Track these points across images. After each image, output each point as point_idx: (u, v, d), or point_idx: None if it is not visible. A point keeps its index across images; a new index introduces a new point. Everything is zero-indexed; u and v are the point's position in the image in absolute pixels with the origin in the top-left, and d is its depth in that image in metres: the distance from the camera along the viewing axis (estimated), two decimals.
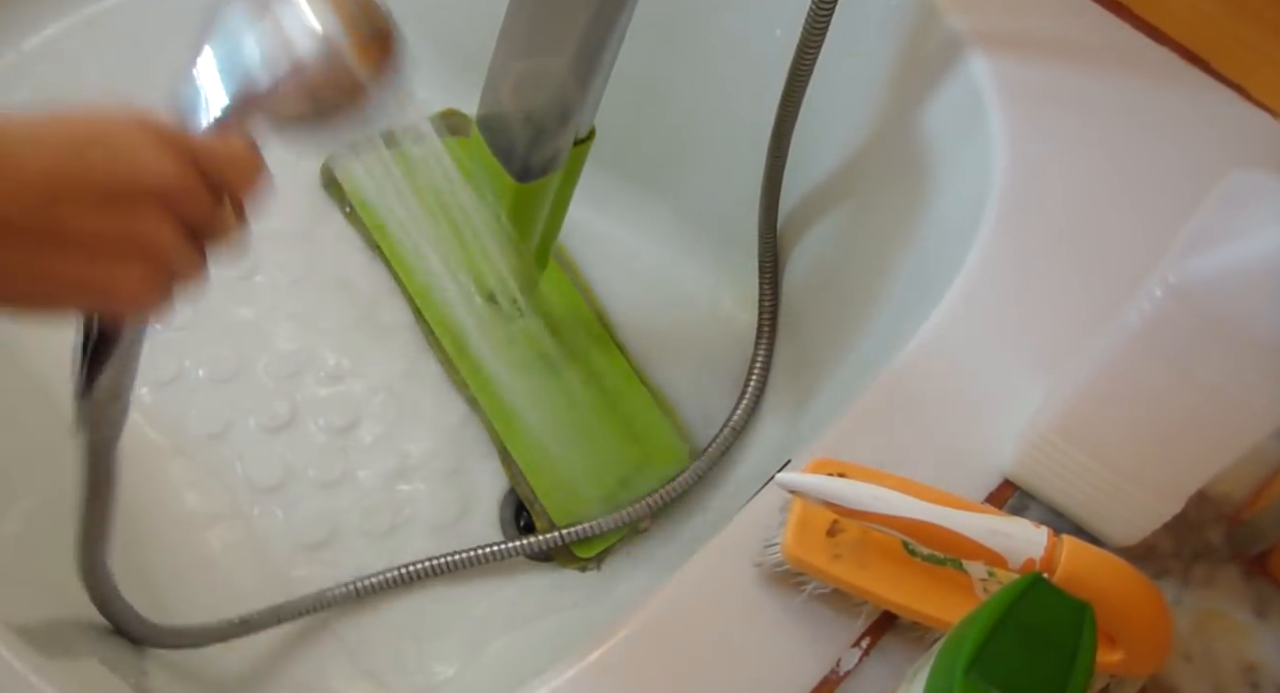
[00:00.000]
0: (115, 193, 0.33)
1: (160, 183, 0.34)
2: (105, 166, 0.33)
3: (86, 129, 0.34)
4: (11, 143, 0.32)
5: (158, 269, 0.36)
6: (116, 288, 0.35)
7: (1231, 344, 0.41)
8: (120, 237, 0.34)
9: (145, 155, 0.34)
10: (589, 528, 0.73)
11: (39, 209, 0.32)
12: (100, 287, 0.34)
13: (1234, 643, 0.50)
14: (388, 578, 0.72)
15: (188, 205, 0.36)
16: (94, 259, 0.34)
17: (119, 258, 0.34)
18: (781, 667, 0.47)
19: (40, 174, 0.32)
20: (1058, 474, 0.51)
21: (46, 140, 0.33)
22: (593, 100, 0.66)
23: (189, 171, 0.36)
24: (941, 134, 0.69)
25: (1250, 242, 0.41)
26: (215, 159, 0.37)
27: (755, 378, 0.81)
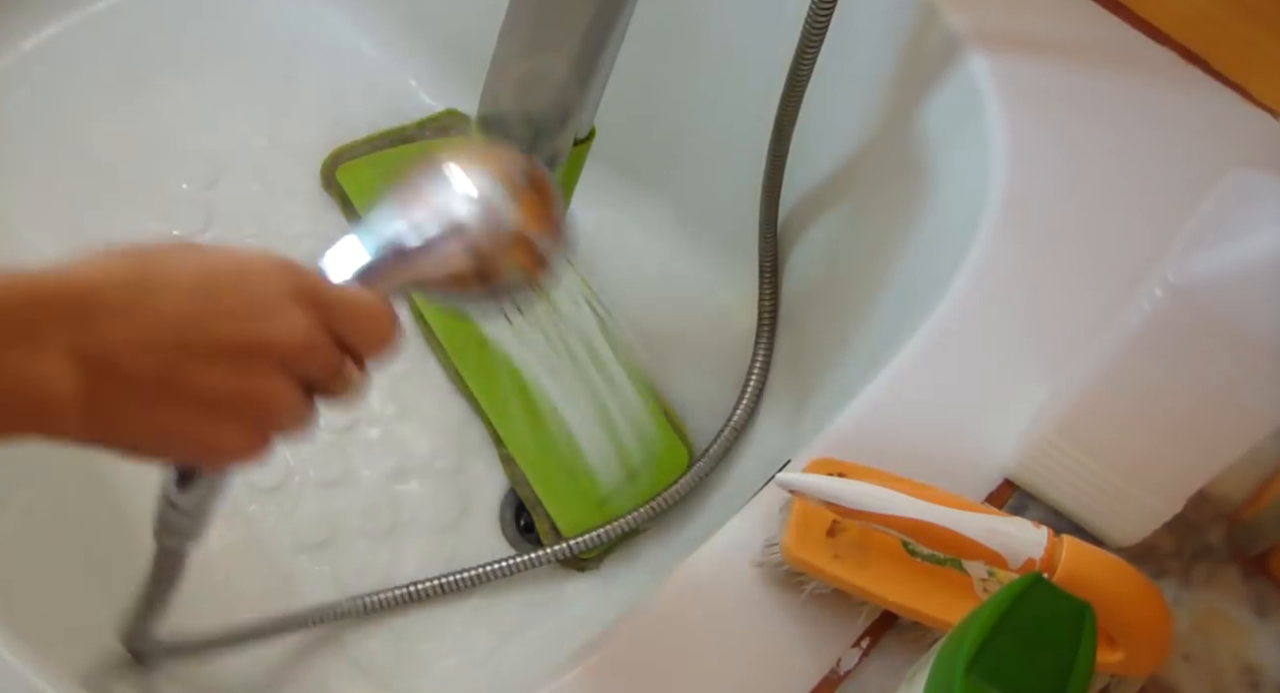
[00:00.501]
0: (243, 348, 0.33)
1: (289, 341, 0.34)
2: (237, 319, 0.33)
3: (226, 274, 0.33)
4: (150, 288, 0.31)
5: (270, 426, 0.35)
6: (221, 444, 0.34)
7: (1231, 344, 0.41)
8: (237, 395, 0.33)
9: (279, 309, 0.33)
10: (595, 537, 0.73)
11: (165, 360, 0.32)
12: (206, 443, 0.34)
13: (1234, 643, 0.50)
14: (397, 596, 0.72)
15: (311, 364, 0.35)
16: (206, 416, 0.33)
17: (231, 415, 0.33)
18: (781, 667, 0.47)
19: (173, 324, 0.32)
20: (1058, 474, 0.51)
21: (184, 285, 0.32)
22: (593, 100, 0.66)
23: (320, 329, 0.35)
24: (941, 133, 0.69)
25: (1250, 242, 0.41)
26: (349, 316, 0.36)
27: (755, 377, 0.81)
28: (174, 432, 0.33)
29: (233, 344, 0.32)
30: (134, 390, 0.31)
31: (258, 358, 0.33)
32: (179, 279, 0.32)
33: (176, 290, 0.32)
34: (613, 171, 0.88)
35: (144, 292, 0.31)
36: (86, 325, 0.30)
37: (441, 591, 0.72)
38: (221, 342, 0.32)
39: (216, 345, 0.32)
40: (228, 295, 0.33)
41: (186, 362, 0.32)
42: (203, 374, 0.32)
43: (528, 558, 0.73)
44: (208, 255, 0.33)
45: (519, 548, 0.79)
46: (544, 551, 0.73)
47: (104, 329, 0.30)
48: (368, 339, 0.37)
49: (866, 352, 0.70)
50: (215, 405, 0.33)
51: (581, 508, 0.79)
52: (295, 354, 0.34)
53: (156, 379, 0.31)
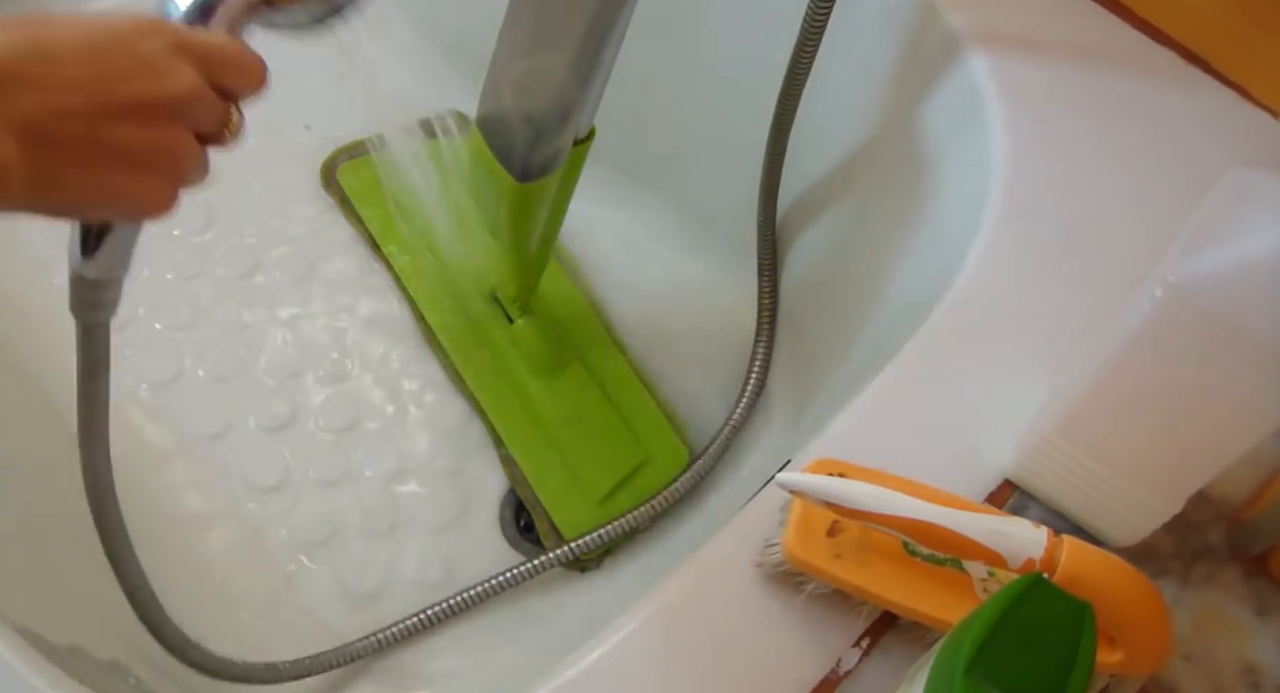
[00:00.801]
0: (146, 105, 0.35)
1: (181, 93, 0.36)
2: (135, 75, 0.35)
3: (111, 37, 0.35)
4: (51, 58, 0.33)
5: (180, 176, 0.37)
6: (147, 197, 0.36)
7: (1231, 344, 0.41)
8: (150, 147, 0.36)
9: (165, 65, 0.36)
10: (596, 538, 0.73)
11: (83, 123, 0.34)
12: (134, 196, 0.36)
13: (1234, 643, 0.50)
14: (410, 625, 0.72)
15: (201, 112, 0.37)
16: (128, 171, 0.35)
17: (150, 168, 0.36)
18: (781, 667, 0.47)
19: (82, 89, 0.34)
20: (1058, 474, 0.51)
21: (79, 51, 0.34)
22: (593, 100, 0.66)
23: (201, 79, 0.37)
24: (941, 133, 0.69)
25: (1250, 242, 0.41)
26: (222, 62, 0.38)
27: (755, 376, 0.81)
28: (104, 189, 0.35)
29: (136, 102, 0.35)
30: (63, 154, 0.34)
31: (159, 112, 0.36)
32: (73, 47, 0.34)
33: (74, 58, 0.34)
34: (613, 171, 0.88)
35: (47, 61, 0.33)
36: (9, 97, 0.32)
37: (451, 611, 0.72)
38: (126, 101, 0.35)
39: (123, 105, 0.34)
40: (120, 58, 0.35)
41: (101, 123, 0.34)
42: (117, 132, 0.34)
43: (532, 566, 0.73)
44: (86, 22, 0.35)
45: (519, 548, 0.79)
46: (547, 555, 0.73)
47: (25, 100, 0.32)
48: (242, 81, 0.39)
49: (866, 352, 0.70)
50: (133, 160, 0.35)
51: (581, 508, 0.79)
52: (188, 104, 0.36)
53: (80, 142, 0.34)
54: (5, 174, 0.32)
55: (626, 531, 0.74)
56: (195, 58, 0.37)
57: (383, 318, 0.87)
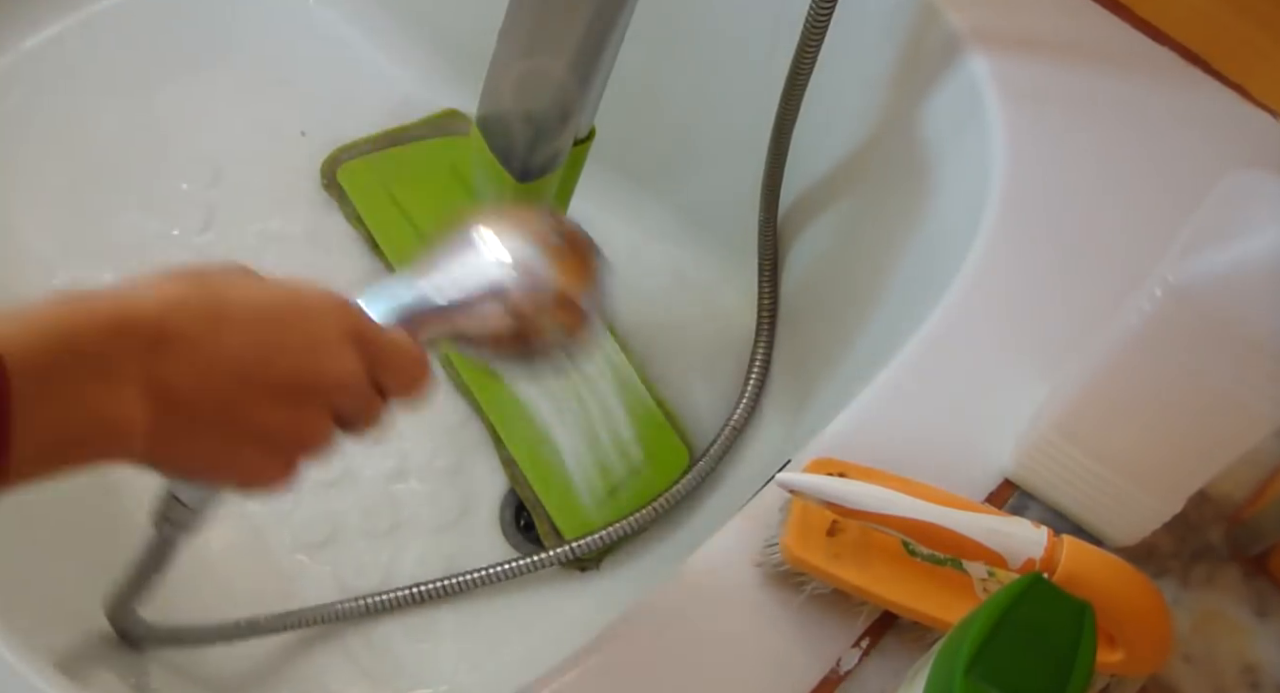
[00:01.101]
0: (298, 387, 0.34)
1: (339, 382, 0.35)
2: (297, 356, 0.34)
3: (287, 309, 0.34)
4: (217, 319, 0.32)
5: (302, 457, 0.36)
6: (264, 475, 0.35)
7: (1231, 344, 0.41)
8: (288, 431, 0.34)
9: (334, 349, 0.35)
10: (597, 539, 0.73)
11: (227, 394, 0.32)
12: (251, 472, 0.35)
13: (1234, 643, 0.50)
14: (400, 597, 0.72)
15: (351, 402, 0.36)
16: (256, 448, 0.34)
17: (279, 449, 0.35)
18: (781, 667, 0.47)
19: (238, 359, 0.32)
20: (1058, 474, 0.51)
21: (249, 318, 0.33)
22: (593, 100, 0.66)
23: (364, 371, 0.36)
24: (941, 133, 0.69)
25: (1250, 242, 0.41)
26: (391, 361, 0.37)
27: (755, 376, 0.81)
28: (224, 461, 0.34)
29: (289, 382, 0.34)
30: (194, 421, 0.32)
31: (310, 396, 0.34)
32: (244, 312, 0.33)
33: (242, 323, 0.33)
34: (613, 171, 0.88)
35: (212, 322, 0.32)
36: (159, 356, 0.31)
37: (444, 592, 0.72)
38: (279, 379, 0.33)
39: (275, 383, 0.33)
40: (289, 333, 0.34)
41: (245, 397, 0.33)
42: (259, 410, 0.33)
43: (530, 561, 0.73)
44: (269, 288, 0.34)
45: (519, 548, 0.79)
46: (546, 553, 0.73)
47: (174, 360, 0.31)
48: (404, 384, 0.38)
49: (866, 352, 0.70)
50: (265, 439, 0.34)
51: (581, 508, 0.79)
52: (339, 393, 0.35)
53: (216, 412, 0.32)
54: (128, 435, 0.31)
55: (629, 532, 0.74)
56: (367, 349, 0.36)
57: None
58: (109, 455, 0.31)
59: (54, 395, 0.29)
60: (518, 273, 0.41)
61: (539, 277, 0.41)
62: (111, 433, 0.31)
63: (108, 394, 0.30)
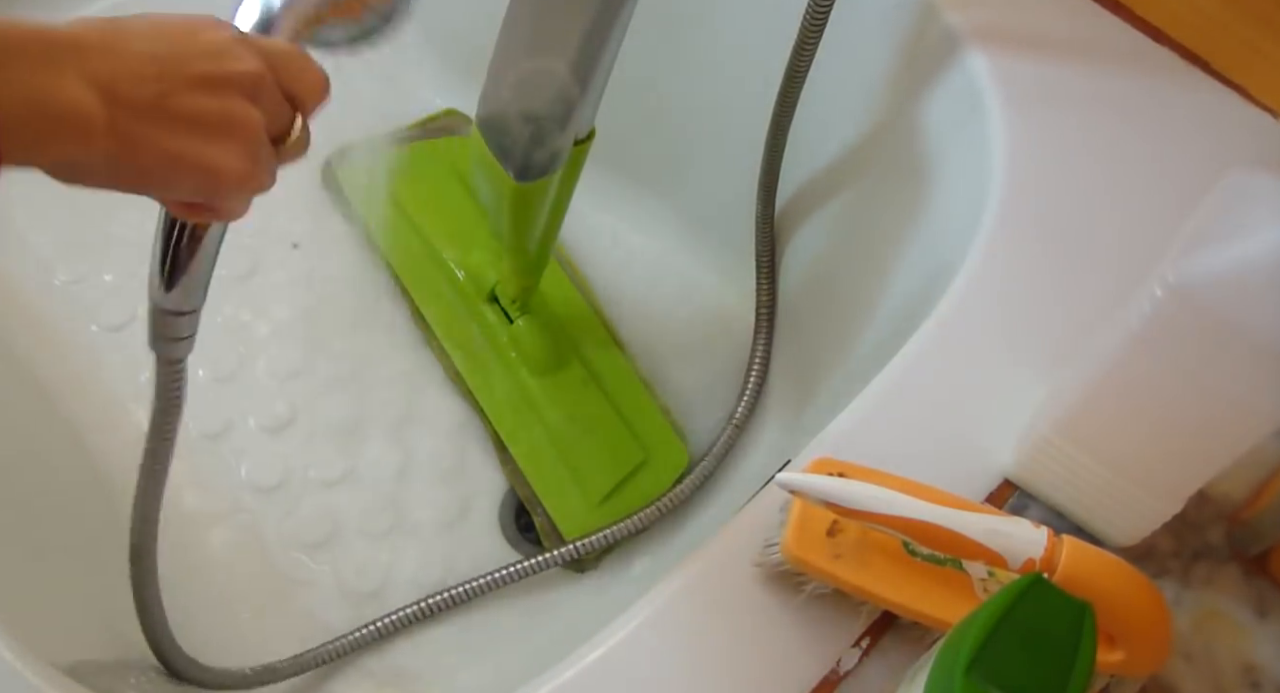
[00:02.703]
0: (212, 78, 0.37)
1: (248, 75, 0.38)
2: (202, 55, 0.37)
3: (179, 26, 0.37)
4: (123, 37, 0.35)
5: (253, 150, 0.39)
6: (222, 165, 0.38)
7: (1231, 344, 0.41)
8: (221, 116, 0.37)
9: (233, 51, 0.38)
10: (600, 539, 0.73)
11: (156, 88, 0.35)
12: (208, 163, 0.37)
13: (1234, 643, 0.50)
14: (409, 614, 0.72)
15: (268, 101, 0.39)
16: (202, 137, 0.37)
17: (221, 136, 0.37)
18: (781, 667, 0.47)
19: (151, 58, 0.36)
20: (1058, 474, 0.51)
21: (149, 34, 0.36)
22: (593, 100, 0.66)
23: (267, 71, 0.39)
24: (940, 132, 0.69)
25: (1250, 242, 0.41)
26: (285, 64, 0.40)
27: (754, 376, 0.81)
28: (179, 155, 0.36)
29: (206, 76, 0.37)
30: (139, 115, 0.35)
31: (228, 86, 0.37)
32: (141, 27, 0.36)
33: (143, 36, 0.36)
34: (613, 171, 0.88)
35: (119, 37, 0.35)
36: (85, 57, 0.34)
37: (450, 603, 0.72)
38: (196, 74, 0.36)
39: (193, 77, 0.36)
40: (188, 41, 0.37)
41: (172, 90, 0.36)
42: (189, 99, 0.36)
43: (533, 563, 0.73)
44: (158, 15, 0.37)
45: (519, 548, 0.79)
46: (549, 554, 0.73)
47: (100, 61, 0.34)
48: (305, 87, 0.41)
49: (866, 351, 0.70)
50: (206, 127, 0.37)
51: (581, 508, 0.79)
52: (255, 85, 0.38)
53: (153, 105, 0.35)
54: (89, 124, 0.33)
55: (631, 532, 0.74)
56: (261, 52, 0.39)
57: (383, 318, 0.87)
58: (78, 143, 0.34)
59: (10, 79, 0.31)
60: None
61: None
62: (74, 117, 0.33)
63: (57, 82, 0.33)
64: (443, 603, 0.72)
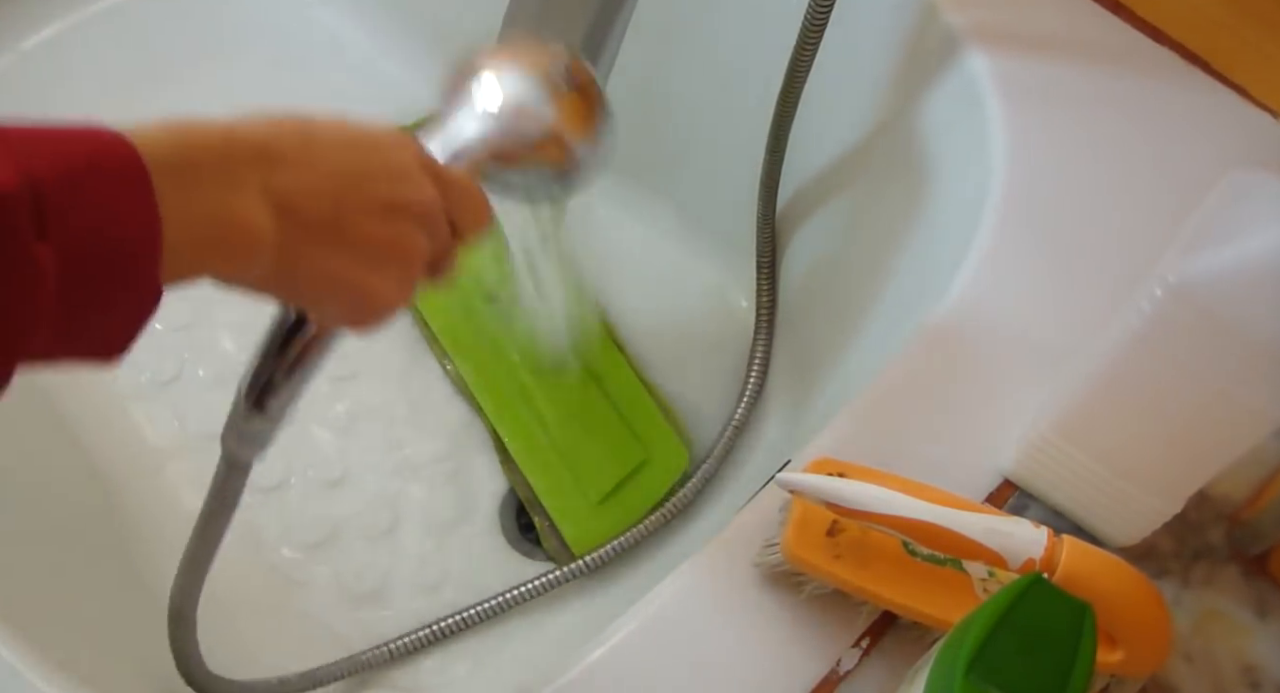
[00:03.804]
0: (392, 205, 0.36)
1: (425, 203, 0.37)
2: (384, 176, 0.36)
3: (370, 139, 0.37)
4: (314, 145, 0.35)
5: (410, 276, 0.38)
6: (380, 293, 0.37)
7: (1231, 344, 0.41)
8: (390, 244, 0.36)
9: (414, 175, 0.37)
10: (610, 551, 0.74)
11: (333, 207, 0.35)
12: (368, 290, 0.37)
13: (1234, 643, 0.50)
14: (431, 633, 0.72)
15: (436, 228, 0.38)
16: (366, 263, 0.36)
17: (385, 264, 0.37)
18: (781, 667, 0.47)
19: (337, 177, 0.35)
20: (1058, 474, 0.51)
21: (340, 144, 0.35)
22: None
23: (439, 197, 0.38)
24: (940, 131, 0.69)
25: (1250, 242, 0.41)
26: (458, 193, 0.40)
27: (754, 376, 0.81)
28: (341, 277, 0.36)
29: (384, 200, 0.36)
30: (311, 233, 0.34)
31: (403, 214, 0.37)
32: (332, 137, 0.35)
33: (333, 147, 0.35)
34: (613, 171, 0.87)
35: (307, 145, 0.34)
36: (271, 170, 0.33)
37: (466, 624, 0.72)
38: (375, 198, 0.36)
39: (372, 199, 0.36)
40: (375, 157, 0.36)
41: (349, 211, 0.35)
42: (363, 223, 0.35)
43: (551, 578, 0.73)
44: (348, 123, 0.37)
45: (519, 548, 0.79)
46: (566, 568, 0.73)
47: (284, 174, 0.33)
48: (470, 218, 0.40)
49: (866, 351, 0.70)
50: (373, 253, 0.36)
51: (581, 508, 0.79)
52: (429, 215, 0.38)
53: (327, 224, 0.35)
54: (259, 241, 0.33)
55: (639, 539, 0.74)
56: (438, 178, 0.39)
57: None
58: (244, 263, 0.33)
59: (189, 195, 0.30)
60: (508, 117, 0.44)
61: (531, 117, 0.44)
62: (245, 238, 0.32)
63: (234, 198, 0.32)
64: (460, 624, 0.72)
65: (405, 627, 0.73)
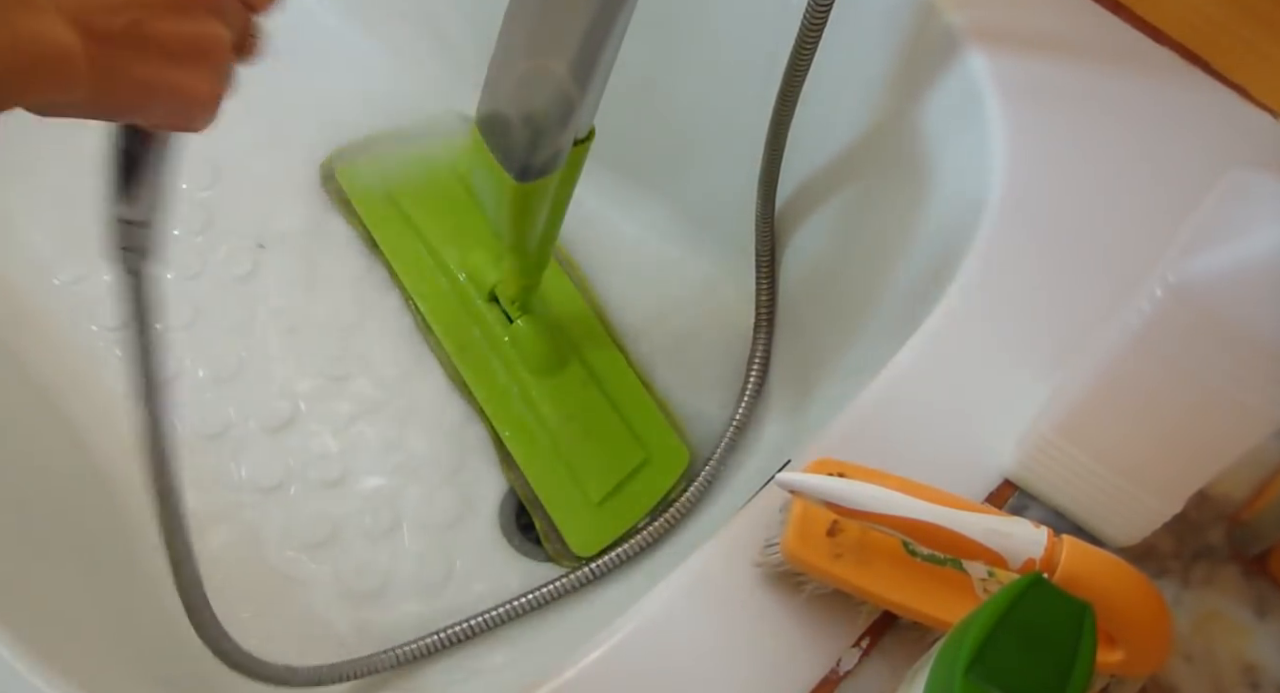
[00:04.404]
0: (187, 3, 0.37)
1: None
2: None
3: None
4: None
5: (221, 73, 0.39)
6: (194, 89, 0.38)
7: (1231, 344, 0.41)
8: (192, 41, 0.37)
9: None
10: (616, 558, 0.74)
11: (124, 16, 0.35)
12: (182, 89, 0.37)
13: (1234, 643, 0.50)
14: (428, 644, 0.71)
15: (232, 13, 0.40)
16: (175, 64, 0.37)
17: (192, 61, 0.37)
18: (781, 667, 0.47)
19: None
20: (1058, 474, 0.51)
21: None
22: (592, 100, 0.66)
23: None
24: (939, 131, 0.69)
25: (1250, 241, 0.41)
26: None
27: (754, 375, 0.81)
28: (155, 81, 0.36)
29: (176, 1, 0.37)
30: (115, 46, 0.35)
31: (194, 8, 0.37)
32: None
33: None
34: (612, 171, 0.88)
35: None
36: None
37: (472, 632, 0.72)
38: None
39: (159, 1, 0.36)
40: None
41: (144, 16, 0.36)
42: (160, 25, 0.36)
43: (558, 586, 0.73)
44: None
45: (519, 548, 0.79)
46: (573, 576, 0.73)
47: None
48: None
49: (867, 351, 0.70)
50: (178, 53, 0.37)
51: (581, 508, 0.79)
52: (217, 4, 0.38)
53: (127, 34, 0.35)
54: (71, 60, 0.33)
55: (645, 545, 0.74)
56: None
57: (382, 317, 0.87)
58: (62, 83, 0.33)
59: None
60: None
61: None
62: (57, 57, 0.33)
63: (35, 21, 0.32)
64: (468, 631, 0.72)
65: (405, 627, 0.73)
